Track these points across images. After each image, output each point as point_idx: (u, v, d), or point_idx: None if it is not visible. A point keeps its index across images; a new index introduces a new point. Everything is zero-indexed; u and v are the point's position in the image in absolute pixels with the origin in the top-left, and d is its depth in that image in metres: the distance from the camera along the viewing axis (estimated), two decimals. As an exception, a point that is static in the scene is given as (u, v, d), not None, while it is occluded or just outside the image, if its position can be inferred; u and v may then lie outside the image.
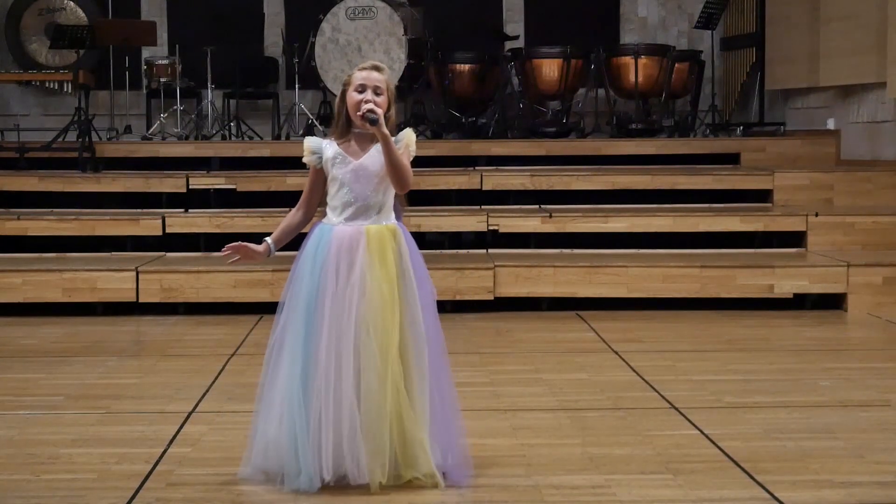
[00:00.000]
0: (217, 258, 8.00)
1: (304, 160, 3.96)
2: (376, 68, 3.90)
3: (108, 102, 11.18)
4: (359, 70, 3.91)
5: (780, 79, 10.77)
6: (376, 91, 3.85)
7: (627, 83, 10.60)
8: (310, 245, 3.89)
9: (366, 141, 3.89)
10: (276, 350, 3.87)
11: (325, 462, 3.73)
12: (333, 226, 3.88)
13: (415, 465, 3.77)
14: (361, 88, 3.85)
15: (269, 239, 3.98)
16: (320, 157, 3.92)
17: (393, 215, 3.92)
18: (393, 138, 3.85)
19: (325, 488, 3.74)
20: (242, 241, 3.98)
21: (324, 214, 3.96)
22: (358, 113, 3.82)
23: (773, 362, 5.90)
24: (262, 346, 6.40)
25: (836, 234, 8.20)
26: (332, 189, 3.92)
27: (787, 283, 7.52)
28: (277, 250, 4.00)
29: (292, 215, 4.01)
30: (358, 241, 3.83)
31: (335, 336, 3.76)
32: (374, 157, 3.86)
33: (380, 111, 3.80)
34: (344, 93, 3.90)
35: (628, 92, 10.67)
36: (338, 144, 3.92)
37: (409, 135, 3.92)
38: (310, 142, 3.96)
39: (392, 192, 3.90)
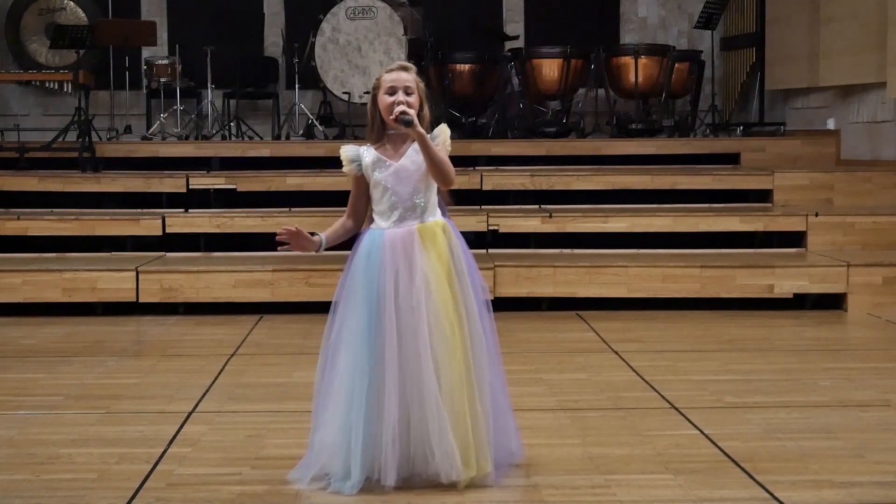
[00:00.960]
0: (217, 258, 8.03)
1: (345, 170, 3.90)
2: (404, 68, 3.88)
3: (108, 102, 11.19)
4: (386, 72, 3.88)
5: (780, 79, 10.77)
6: (407, 91, 3.83)
7: (627, 83, 10.61)
8: (362, 249, 3.85)
9: (402, 142, 3.87)
10: (332, 352, 3.83)
11: (388, 466, 3.69)
12: (384, 230, 3.84)
13: (479, 463, 3.77)
14: (392, 91, 3.83)
15: (323, 234, 3.92)
16: (360, 165, 3.89)
17: (439, 212, 3.91)
18: (429, 134, 3.84)
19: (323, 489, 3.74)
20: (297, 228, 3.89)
21: (371, 221, 3.92)
22: (391, 116, 3.81)
23: (773, 362, 5.90)
24: (263, 346, 6.44)
25: (836, 234, 8.20)
26: (375, 194, 3.88)
27: (787, 283, 7.52)
28: (326, 249, 3.93)
29: (343, 221, 3.95)
30: (412, 242, 3.80)
31: (407, 338, 3.73)
32: (412, 157, 3.85)
33: (412, 111, 3.78)
34: (374, 97, 3.87)
35: (628, 92, 10.68)
36: (375, 149, 3.90)
37: (444, 130, 3.89)
38: (347, 151, 3.92)
39: (434, 189, 3.88)
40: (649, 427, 4.57)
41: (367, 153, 3.89)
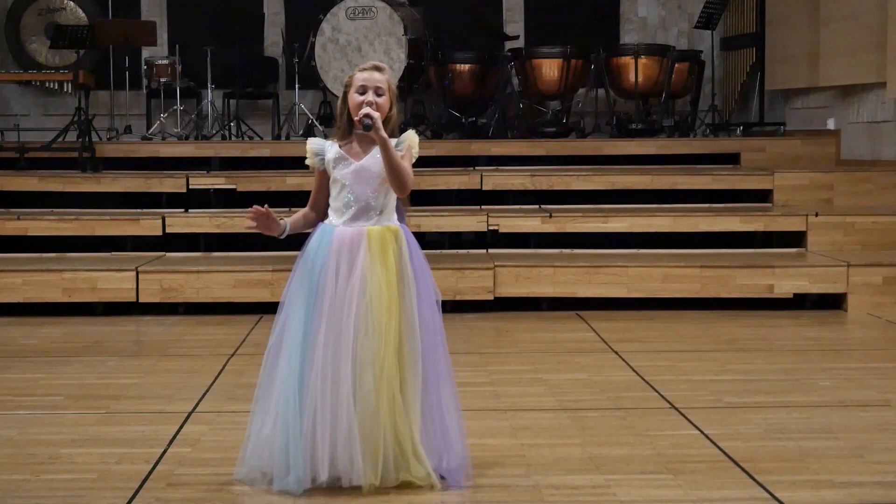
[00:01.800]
0: (217, 258, 8.03)
1: (307, 162, 3.94)
2: (377, 69, 3.88)
3: (108, 102, 11.18)
4: (360, 71, 3.89)
5: (780, 79, 10.77)
6: (377, 92, 3.83)
7: (627, 83, 10.61)
8: (311, 245, 3.88)
9: (368, 142, 3.87)
10: (273, 350, 3.86)
11: (320, 463, 3.71)
12: (335, 227, 3.87)
13: (408, 467, 3.75)
14: (362, 90, 3.83)
15: (287, 220, 3.97)
16: (322, 159, 3.91)
17: (395, 216, 3.91)
18: (395, 140, 3.83)
19: (321, 489, 3.73)
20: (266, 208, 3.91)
21: (326, 216, 3.95)
22: (356, 118, 3.82)
23: (773, 362, 5.90)
24: (263, 346, 6.41)
25: (836, 234, 8.20)
26: (333, 190, 3.90)
27: (786, 283, 7.52)
28: (286, 236, 3.98)
29: (305, 212, 4.00)
30: (359, 243, 3.81)
31: (333, 336, 3.74)
32: (375, 158, 3.84)
33: (376, 115, 3.77)
34: (346, 94, 3.89)
35: (628, 92, 10.68)
36: (340, 146, 3.90)
37: (411, 136, 3.89)
38: (312, 143, 3.95)
39: (393, 192, 3.89)
40: (649, 427, 4.57)
41: (332, 148, 3.91)
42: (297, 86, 10.94)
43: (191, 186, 8.84)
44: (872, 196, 8.86)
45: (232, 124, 10.75)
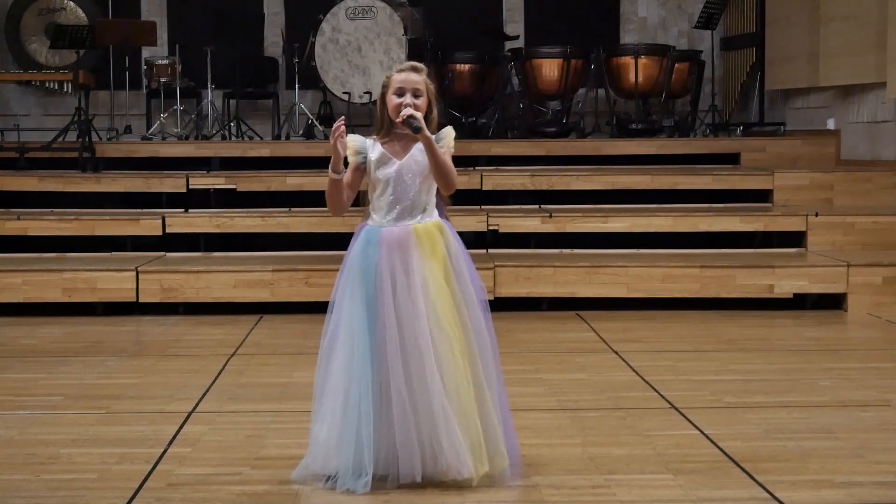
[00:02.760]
0: (217, 258, 8.03)
1: (350, 159, 3.87)
2: (415, 69, 3.87)
3: (108, 102, 11.18)
4: (397, 72, 3.87)
5: (780, 79, 10.77)
6: (415, 93, 3.82)
7: (627, 83, 10.61)
8: (357, 246, 3.85)
9: (408, 140, 3.86)
10: (327, 353, 3.84)
11: (414, 464, 3.69)
12: (380, 227, 3.84)
13: (493, 460, 3.78)
14: (400, 92, 3.82)
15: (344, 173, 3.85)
16: (365, 157, 3.87)
17: (437, 213, 3.90)
18: (434, 137, 3.83)
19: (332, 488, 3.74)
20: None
21: (368, 216, 3.91)
22: (398, 119, 3.80)
23: (773, 362, 5.90)
24: (263, 346, 6.44)
25: (836, 234, 8.20)
26: (377, 190, 3.87)
27: (787, 283, 7.51)
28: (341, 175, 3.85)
29: (347, 192, 3.89)
30: (407, 241, 3.80)
31: (408, 338, 3.73)
32: (416, 156, 3.84)
33: (419, 115, 3.77)
34: (383, 95, 3.87)
35: (628, 92, 10.68)
36: (381, 145, 3.89)
37: (449, 133, 3.89)
38: (355, 141, 3.88)
39: (434, 190, 3.88)
40: (649, 427, 4.57)
41: (374, 148, 3.88)
42: (297, 86, 10.94)
43: (191, 186, 8.84)
44: (872, 196, 8.86)
45: (232, 124, 10.76)
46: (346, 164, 3.87)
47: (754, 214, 8.35)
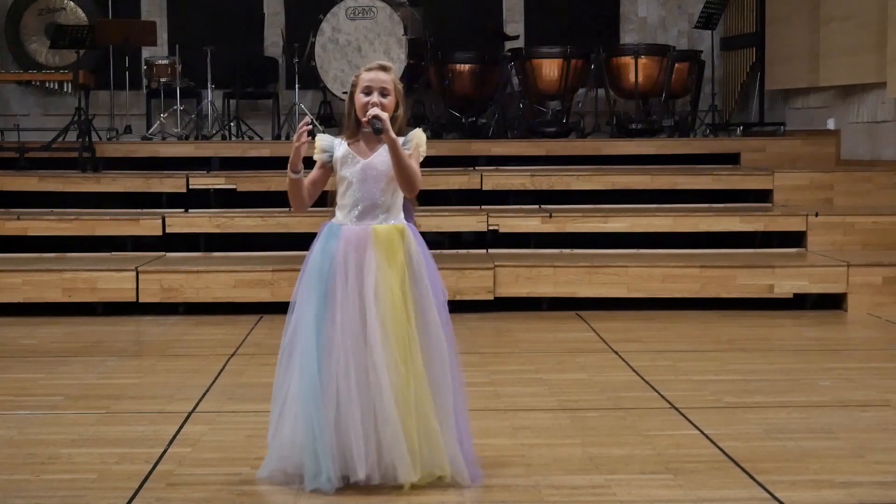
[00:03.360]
0: (217, 258, 8.03)
1: (315, 157, 3.90)
2: (383, 68, 3.87)
3: (108, 102, 11.18)
4: (366, 71, 3.87)
5: (780, 79, 10.77)
6: (383, 92, 3.82)
7: (627, 83, 10.61)
8: (318, 245, 3.87)
9: (375, 141, 3.86)
10: (287, 351, 3.86)
11: (357, 462, 3.68)
12: (342, 225, 3.86)
13: (441, 464, 3.76)
14: (368, 90, 3.82)
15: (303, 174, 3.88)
16: (331, 156, 3.89)
17: (402, 215, 3.90)
18: (402, 138, 3.82)
19: (347, 487, 3.73)
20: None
21: (333, 214, 3.93)
22: (363, 118, 3.81)
23: (773, 362, 5.90)
24: (263, 346, 6.44)
25: (836, 234, 8.19)
26: (340, 189, 3.89)
27: (787, 283, 7.51)
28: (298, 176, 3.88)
29: (308, 188, 3.93)
30: (366, 241, 3.80)
31: (352, 338, 3.73)
32: (382, 156, 3.83)
33: (384, 115, 3.76)
34: (352, 94, 3.87)
35: (628, 92, 10.68)
36: (348, 144, 3.89)
37: (418, 135, 3.88)
38: (322, 140, 3.92)
39: (400, 191, 3.89)
40: (649, 427, 4.57)
41: (340, 147, 3.89)
42: (297, 86, 10.94)
43: (191, 186, 8.84)
44: (872, 196, 8.86)
45: (232, 124, 10.76)
46: (312, 162, 3.89)
47: (754, 214, 8.35)
